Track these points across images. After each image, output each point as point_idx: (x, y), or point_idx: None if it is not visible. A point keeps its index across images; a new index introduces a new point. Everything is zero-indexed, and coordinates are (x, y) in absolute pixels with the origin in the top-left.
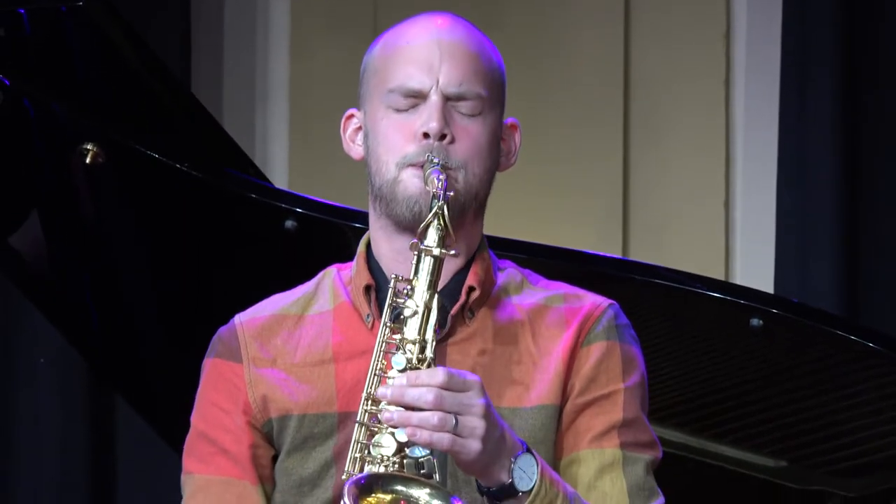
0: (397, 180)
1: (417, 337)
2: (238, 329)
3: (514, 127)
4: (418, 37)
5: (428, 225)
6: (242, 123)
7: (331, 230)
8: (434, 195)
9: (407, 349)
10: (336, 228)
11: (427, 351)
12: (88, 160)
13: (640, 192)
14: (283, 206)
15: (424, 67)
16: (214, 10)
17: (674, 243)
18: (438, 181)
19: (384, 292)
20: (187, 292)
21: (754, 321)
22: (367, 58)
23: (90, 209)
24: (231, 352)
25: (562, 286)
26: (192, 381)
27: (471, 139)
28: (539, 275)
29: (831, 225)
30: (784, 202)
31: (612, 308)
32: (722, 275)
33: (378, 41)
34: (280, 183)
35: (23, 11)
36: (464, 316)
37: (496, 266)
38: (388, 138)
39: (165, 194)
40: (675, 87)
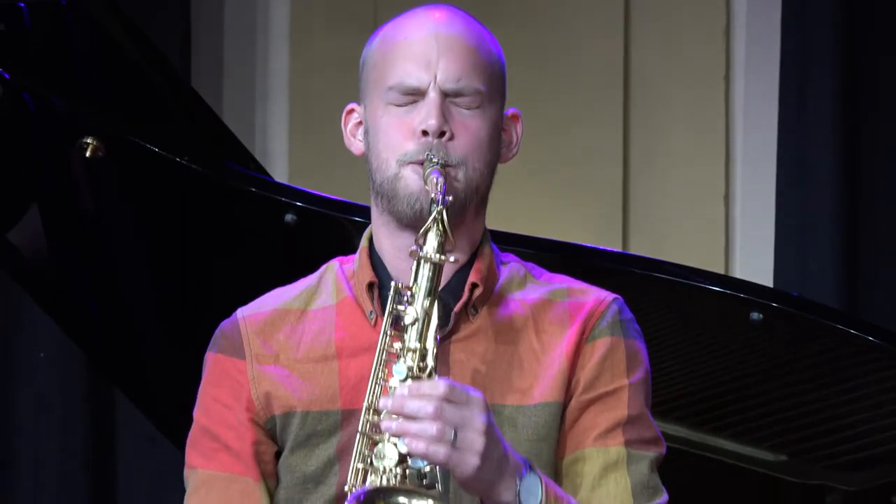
0: (398, 177)
1: (418, 345)
2: (241, 324)
3: (515, 117)
4: (415, 31)
5: (427, 230)
6: (242, 118)
7: (331, 224)
8: (433, 200)
9: (408, 358)
10: (336, 222)
11: (428, 359)
12: (88, 154)
13: (640, 188)
14: (283, 199)
15: (422, 63)
16: (215, 5)
17: (674, 239)
18: (437, 183)
19: (387, 289)
20: (187, 286)
21: (754, 315)
22: (365, 52)
23: (90, 203)
24: (234, 347)
25: (565, 280)
26: (193, 378)
27: (470, 135)
28: (542, 268)
29: (831, 222)
30: (784, 199)
31: (616, 303)
32: (722, 271)
33: (376, 35)
34: (280, 177)
35: (23, 5)
36: (467, 313)
37: (499, 260)
38: (387, 135)
39: (165, 188)
40: (675, 83)
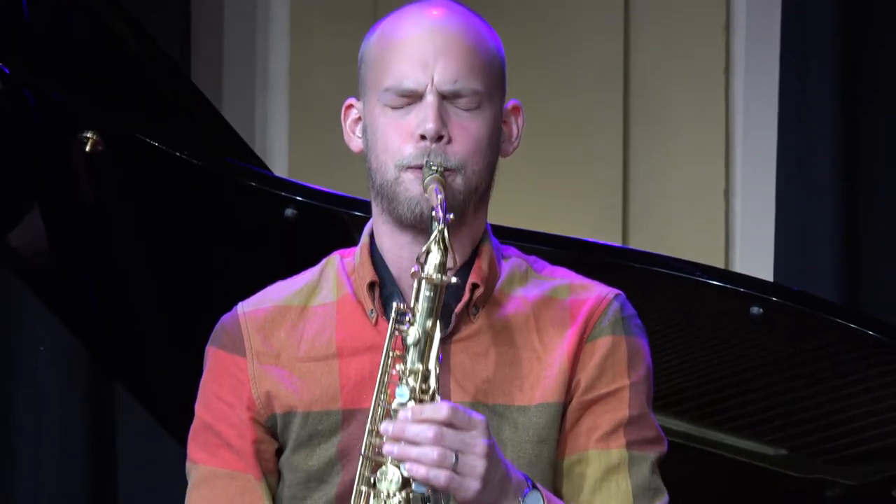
0: (397, 181)
1: (420, 367)
2: (241, 320)
3: (516, 110)
4: (412, 30)
5: (428, 250)
6: (242, 112)
7: (331, 218)
8: (434, 218)
9: (410, 380)
10: (336, 216)
11: (430, 381)
12: (88, 148)
13: (640, 182)
14: (283, 194)
15: (419, 65)
16: (215, 2)
17: (674, 233)
18: (438, 199)
19: (387, 289)
20: (187, 281)
21: (754, 309)
22: (364, 47)
23: (90, 197)
24: (234, 344)
25: (567, 274)
26: (193, 375)
27: (469, 137)
28: (543, 260)
29: (831, 215)
30: (784, 195)
31: (618, 300)
32: (722, 265)
33: (374, 31)
34: (280, 172)
35: None
36: (468, 313)
37: (500, 255)
38: (385, 138)
39: (165, 183)
40: (675, 76)
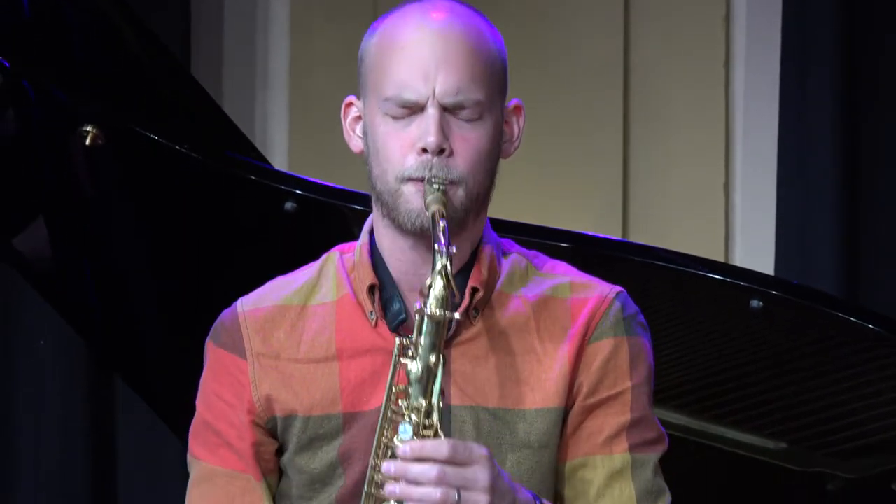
0: (398, 192)
1: (423, 402)
2: (241, 319)
3: (517, 109)
4: (413, 36)
5: (431, 285)
6: (243, 107)
7: (331, 212)
8: (437, 251)
9: (412, 416)
10: (336, 210)
11: (433, 417)
12: (88, 142)
13: (640, 180)
14: (283, 187)
15: (419, 76)
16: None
17: (673, 227)
18: (440, 227)
19: (387, 291)
20: (187, 275)
21: (754, 303)
22: (363, 45)
23: (90, 191)
24: (235, 344)
25: (568, 271)
26: (194, 371)
27: (471, 148)
28: (544, 255)
29: (832, 210)
30: (784, 186)
31: (619, 299)
32: (722, 259)
33: (375, 30)
34: (280, 166)
35: None
36: (468, 316)
37: (499, 253)
38: (386, 147)
39: (165, 176)
40: (674, 69)
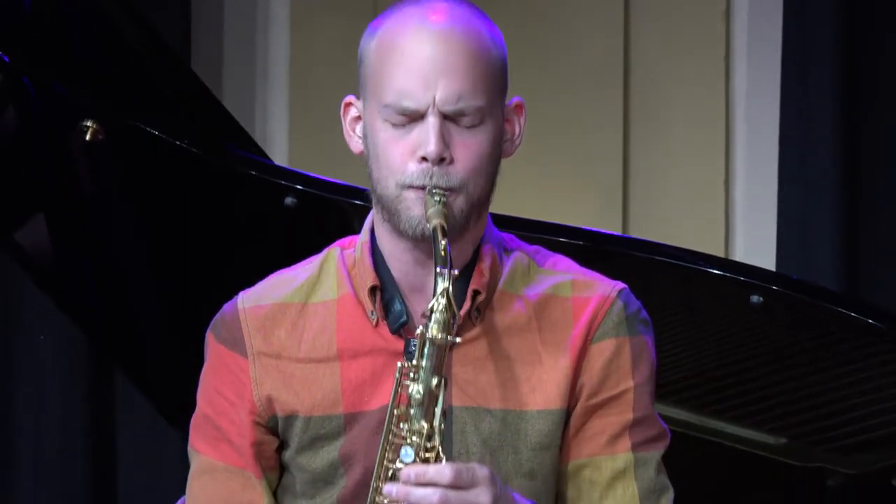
0: (399, 199)
1: (425, 426)
2: (241, 316)
3: (518, 108)
4: (412, 40)
5: (433, 309)
6: (242, 101)
7: (331, 207)
8: (438, 274)
9: (414, 439)
10: (336, 205)
11: (435, 440)
12: (88, 137)
13: (641, 174)
14: (283, 182)
15: (420, 83)
16: None
17: (673, 225)
18: (442, 247)
19: (388, 292)
20: (187, 271)
21: (754, 298)
22: (363, 46)
23: (90, 186)
24: (235, 342)
25: (570, 268)
26: (195, 366)
27: (471, 155)
28: (546, 250)
29: (833, 205)
30: (785, 180)
31: (622, 296)
32: (722, 254)
33: (375, 31)
34: (280, 160)
35: None
36: (470, 317)
37: (501, 251)
38: (386, 153)
39: (165, 172)
40: (674, 64)
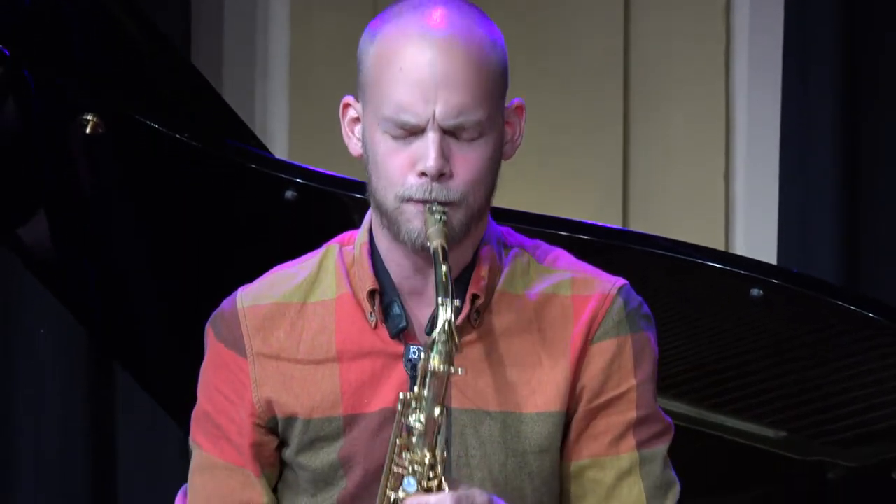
0: (399, 211)
1: (427, 456)
2: (241, 315)
3: (519, 109)
4: (412, 54)
5: (435, 340)
6: (243, 97)
7: (331, 201)
8: (441, 304)
9: (416, 468)
10: (336, 199)
11: (437, 470)
12: (88, 131)
13: (641, 169)
14: (283, 176)
15: (419, 98)
16: None
17: (673, 220)
18: (444, 273)
19: (388, 296)
20: (187, 264)
21: (754, 291)
22: (361, 48)
23: (90, 179)
24: (235, 341)
25: (570, 265)
26: (196, 361)
27: (471, 169)
28: (546, 245)
29: (834, 199)
30: (786, 174)
31: (622, 294)
32: (722, 247)
33: (374, 35)
34: (280, 154)
35: None
36: (469, 320)
37: (501, 249)
38: (385, 164)
39: (165, 165)
40: (675, 60)
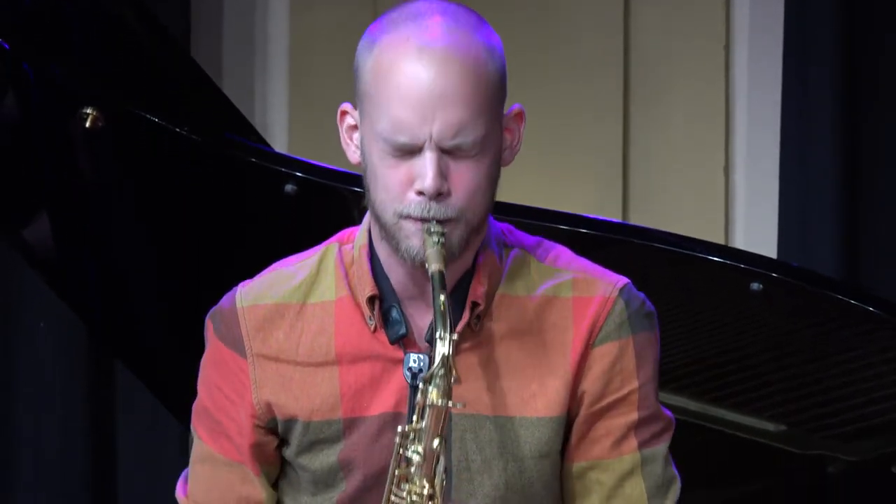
0: (398, 227)
1: (426, 486)
2: (240, 314)
3: (519, 116)
4: (409, 71)
5: (433, 374)
6: (242, 87)
7: (331, 194)
8: (439, 337)
9: (414, 500)
10: (336, 192)
11: (437, 501)
12: (88, 124)
13: (640, 158)
14: (283, 170)
15: (416, 118)
16: None
17: (673, 210)
18: (442, 302)
19: (387, 301)
20: (187, 258)
21: (754, 285)
22: (359, 58)
23: (89, 174)
24: (234, 341)
25: (571, 263)
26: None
27: (469, 186)
28: (547, 242)
29: (834, 189)
30: (786, 167)
31: (624, 295)
32: (722, 241)
33: (372, 46)
34: (280, 147)
35: None
36: (470, 325)
37: (501, 251)
38: (385, 179)
39: (165, 159)
40: (675, 51)
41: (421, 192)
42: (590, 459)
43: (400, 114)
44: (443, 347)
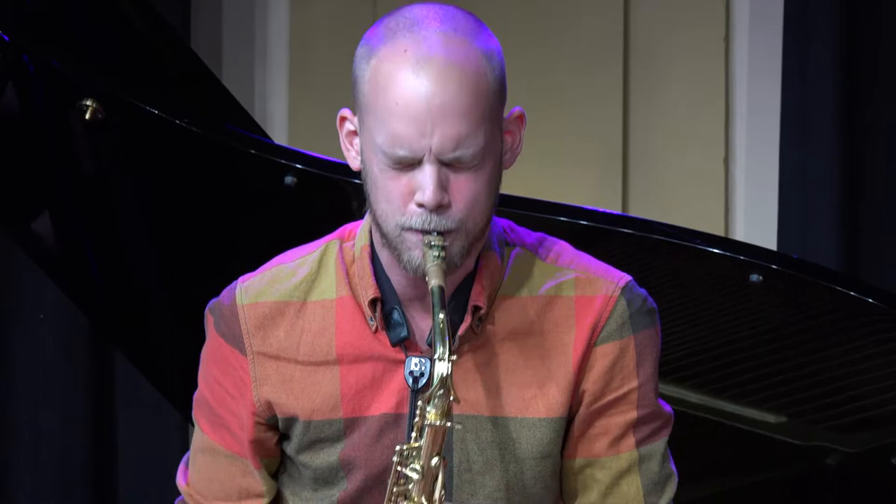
0: (399, 238)
1: (424, 503)
2: (240, 312)
3: (520, 119)
4: (407, 83)
5: (432, 395)
6: (242, 79)
7: (330, 186)
8: (438, 357)
9: None
10: (336, 184)
11: None
12: (88, 116)
13: (640, 149)
14: (283, 161)
15: (415, 132)
16: None
17: (673, 201)
18: (441, 322)
19: (389, 304)
20: (188, 249)
21: (754, 277)
22: (357, 65)
23: (89, 165)
24: (235, 338)
25: (573, 261)
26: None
27: (469, 197)
28: (550, 238)
29: (834, 180)
30: (786, 158)
31: (626, 294)
32: (721, 233)
33: (370, 54)
34: (280, 139)
35: None
36: (472, 328)
37: (502, 248)
38: (386, 189)
39: (165, 150)
40: (674, 40)
41: (421, 205)
42: (588, 457)
43: (398, 128)
44: (441, 367)
